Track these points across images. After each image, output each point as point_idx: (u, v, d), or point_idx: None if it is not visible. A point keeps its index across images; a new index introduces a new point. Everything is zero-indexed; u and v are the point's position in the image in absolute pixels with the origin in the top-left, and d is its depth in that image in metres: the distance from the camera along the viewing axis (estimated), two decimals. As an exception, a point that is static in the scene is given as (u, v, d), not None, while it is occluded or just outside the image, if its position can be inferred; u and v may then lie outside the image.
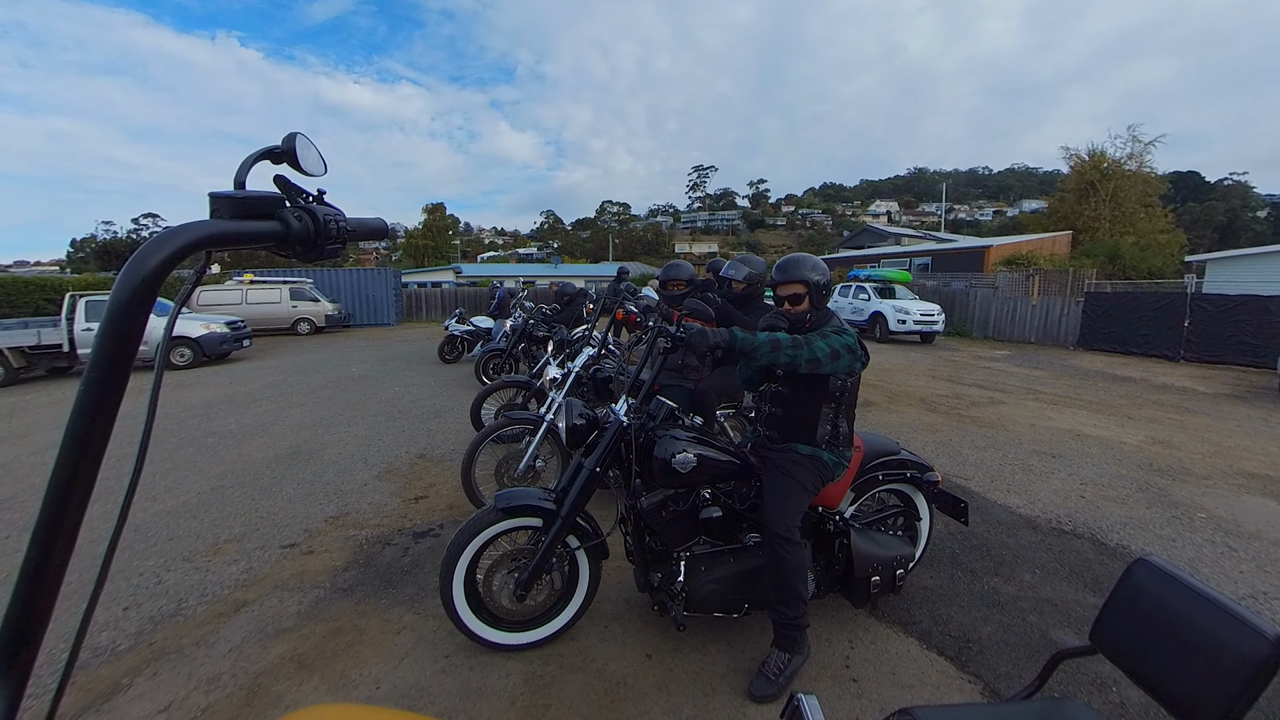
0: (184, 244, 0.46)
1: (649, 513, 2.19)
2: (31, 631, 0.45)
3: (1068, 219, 29.02)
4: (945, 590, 2.79)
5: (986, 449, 5.14)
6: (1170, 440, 5.51)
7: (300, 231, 0.57)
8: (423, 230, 60.08)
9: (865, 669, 2.22)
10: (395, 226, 67.20)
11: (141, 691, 2.09)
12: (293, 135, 0.60)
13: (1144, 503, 3.94)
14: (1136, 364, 11.13)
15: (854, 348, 2.08)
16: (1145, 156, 27.81)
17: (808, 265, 2.18)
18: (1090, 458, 4.92)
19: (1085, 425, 6.06)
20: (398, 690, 2.09)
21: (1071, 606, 2.66)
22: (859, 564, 2.27)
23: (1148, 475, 4.50)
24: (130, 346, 0.45)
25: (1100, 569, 3.01)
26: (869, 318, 14.74)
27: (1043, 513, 3.74)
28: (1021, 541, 3.33)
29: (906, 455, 2.63)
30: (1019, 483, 4.29)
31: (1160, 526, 3.57)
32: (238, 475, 4.43)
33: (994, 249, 24.62)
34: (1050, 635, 2.45)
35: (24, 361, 8.99)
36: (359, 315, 19.70)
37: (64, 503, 0.43)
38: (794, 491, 2.12)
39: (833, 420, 2.20)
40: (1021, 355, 12.31)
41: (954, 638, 2.42)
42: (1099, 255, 22.71)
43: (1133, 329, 12.29)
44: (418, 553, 3.17)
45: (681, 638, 2.36)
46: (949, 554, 3.15)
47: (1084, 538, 3.39)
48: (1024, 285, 16.88)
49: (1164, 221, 28.11)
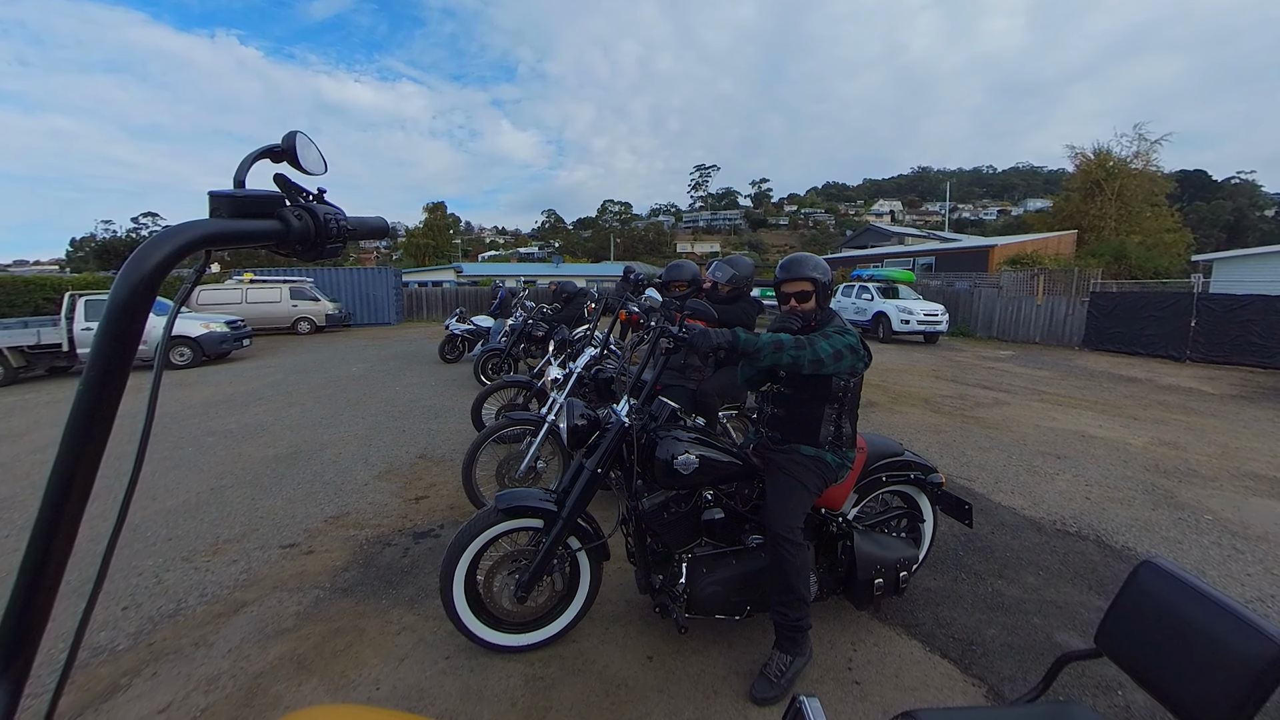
0: (184, 243, 0.46)
1: (651, 514, 2.19)
2: (30, 631, 0.45)
3: (1073, 218, 28.97)
4: (949, 592, 2.78)
5: (991, 450, 5.13)
6: (1177, 441, 5.49)
7: (300, 230, 0.57)
8: (423, 229, 60.19)
9: (868, 671, 2.22)
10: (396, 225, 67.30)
11: (140, 692, 2.10)
12: (293, 134, 0.61)
13: (1150, 504, 3.93)
14: (1142, 364, 11.10)
15: (857, 348, 2.08)
16: (1151, 155, 27.78)
17: (811, 264, 2.19)
18: (1095, 459, 4.91)
19: (1090, 426, 6.04)
20: (397, 691, 2.10)
21: (1076, 609, 2.66)
22: (862, 566, 2.27)
23: (1154, 477, 4.48)
24: (130, 346, 0.45)
25: (1105, 571, 3.00)
26: (872, 318, 14.72)
27: (1047, 514, 3.73)
28: (1026, 543, 3.32)
29: (910, 456, 2.62)
30: (1023, 484, 4.28)
31: (1166, 529, 3.56)
32: (237, 475, 4.44)
33: (998, 248, 24.60)
34: (1055, 638, 2.44)
35: (23, 361, 9.02)
36: (359, 315, 19.73)
37: (63, 501, 0.44)
38: (796, 493, 2.12)
39: (835, 421, 2.20)
40: (1026, 356, 12.28)
41: (958, 640, 2.41)
42: (1104, 255, 22.66)
43: (1138, 329, 12.26)
44: (418, 553, 3.17)
45: (683, 640, 2.36)
46: (953, 556, 3.14)
47: (1089, 540, 3.38)
48: (1029, 285, 16.88)
49: (1170, 221, 28.04)
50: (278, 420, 6.09)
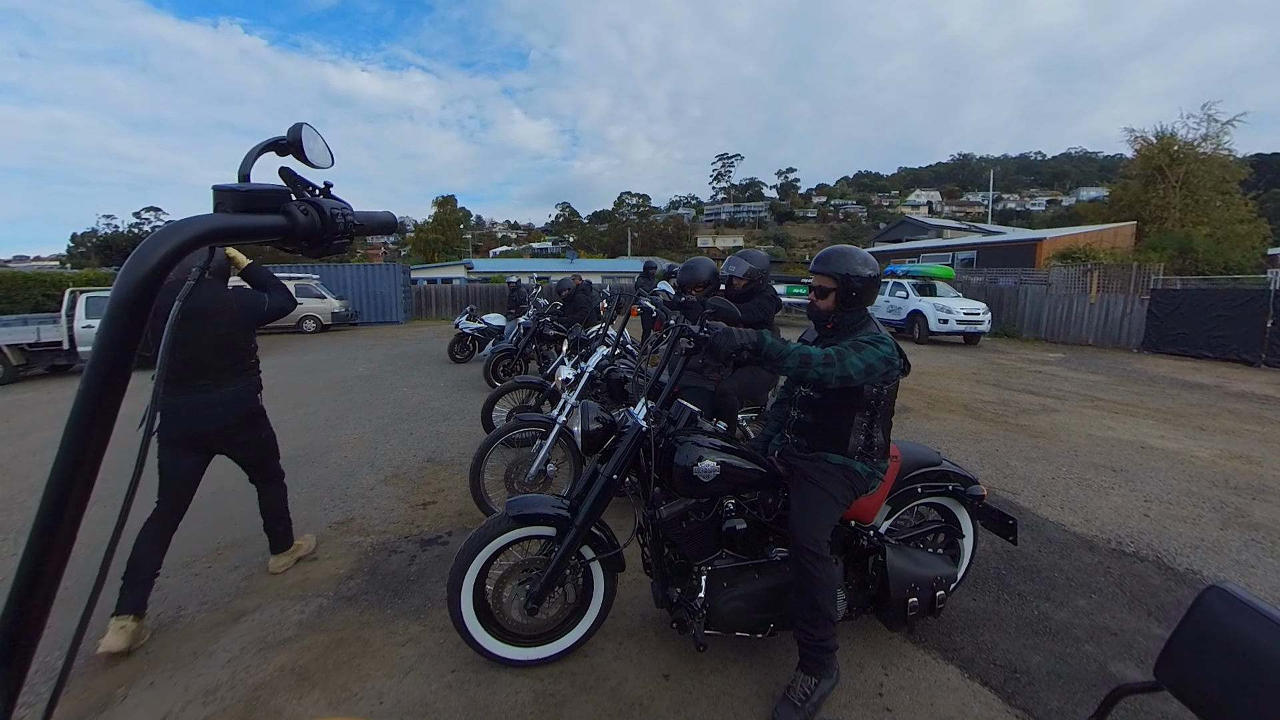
0: (187, 239, 0.47)
1: (668, 523, 2.19)
2: (26, 637, 0.46)
3: (1132, 208, 28.14)
4: (990, 614, 2.73)
5: (1037, 461, 5.01)
6: (1249, 454, 5.31)
7: (306, 226, 0.58)
8: (433, 224, 61.09)
9: (900, 698, 2.18)
10: (404, 220, 68.43)
11: (138, 702, 2.16)
12: (298, 126, 0.62)
13: (1218, 523, 3.81)
14: (1210, 369, 10.74)
15: (891, 358, 2.02)
16: (1222, 137, 26.71)
17: (846, 259, 2.13)
18: (1156, 472, 4.76)
19: (1150, 436, 5.87)
20: (401, 705, 2.13)
21: (1133, 637, 2.58)
22: (895, 583, 2.23)
23: (1223, 493, 4.34)
24: (132, 345, 0.46)
25: (1166, 596, 2.92)
26: (907, 317, 14.50)
27: (1101, 532, 3.64)
28: (1076, 563, 3.24)
29: (948, 466, 2.58)
30: (1074, 498, 4.18)
31: (1237, 550, 3.44)
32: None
33: (1047, 242, 24.00)
34: (1109, 668, 2.37)
35: (23, 359, 9.35)
36: (367, 313, 20.07)
37: (62, 504, 0.45)
38: (824, 503, 2.10)
39: (866, 429, 2.17)
40: (1078, 358, 11.98)
41: (1000, 667, 2.36)
42: (1167, 248, 21.99)
43: (1206, 330, 11.86)
44: (425, 561, 3.21)
45: (701, 658, 2.35)
46: (994, 575, 3.08)
47: (1148, 561, 3.29)
48: (1081, 281, 16.42)
49: (1244, 210, 27.00)
50: (281, 422, 6.18)
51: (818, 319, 2.25)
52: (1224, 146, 26.87)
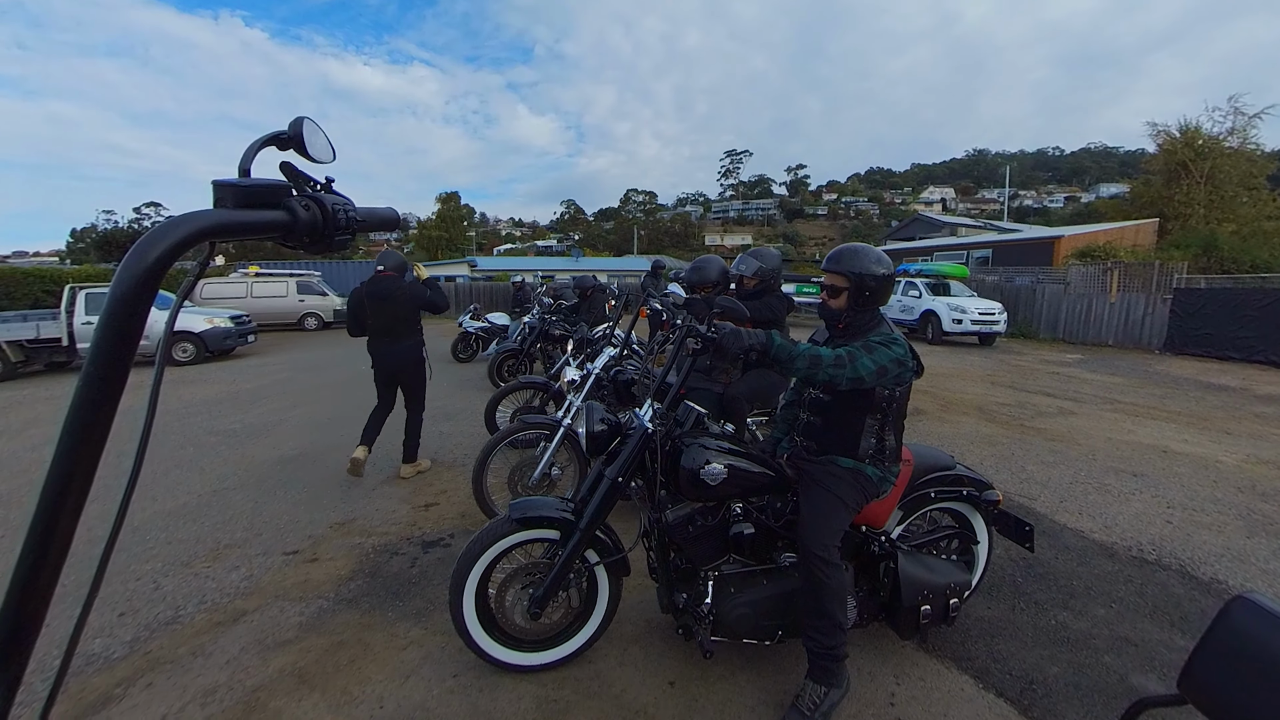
0: (187, 234, 0.48)
1: (675, 527, 2.19)
2: (23, 636, 0.46)
3: (1154, 205, 27.81)
4: (1006, 623, 2.71)
5: (1055, 465, 4.97)
6: (1277, 460, 5.24)
7: (308, 221, 0.58)
8: (436, 221, 61.37)
9: (912, 708, 2.17)
10: (407, 217, 68.69)
11: (135, 703, 2.18)
12: (300, 120, 0.62)
13: (1244, 531, 3.76)
14: (1236, 371, 10.61)
15: (904, 360, 2.02)
16: (1250, 131, 26.31)
17: (859, 258, 2.12)
18: (1179, 478, 4.71)
19: (1173, 440, 5.81)
20: (402, 710, 2.14)
21: (1155, 648, 2.56)
22: (907, 590, 2.22)
23: (1249, 499, 4.28)
24: (131, 341, 0.47)
25: (1190, 606, 2.88)
26: (920, 317, 14.40)
27: (1121, 539, 3.60)
28: (1095, 571, 3.21)
29: (962, 471, 2.56)
30: (1093, 504, 4.14)
31: (1265, 559, 3.40)
32: (240, 477, 4.59)
33: (1065, 239, 23.80)
34: (1129, 680, 2.35)
35: (22, 355, 9.48)
36: (368, 310, 20.12)
37: (60, 502, 0.45)
38: (834, 508, 2.09)
39: (878, 433, 2.16)
40: (1097, 360, 11.87)
41: (1015, 677, 2.34)
42: (1191, 246, 21.67)
43: (1232, 331, 11.71)
44: (427, 563, 3.23)
45: (707, 665, 2.34)
46: (1010, 582, 3.06)
47: (1171, 569, 3.25)
48: (1100, 280, 16.25)
49: (1271, 206, 26.61)
50: (283, 420, 6.28)
51: (829, 318, 2.25)
52: (1251, 140, 26.52)
